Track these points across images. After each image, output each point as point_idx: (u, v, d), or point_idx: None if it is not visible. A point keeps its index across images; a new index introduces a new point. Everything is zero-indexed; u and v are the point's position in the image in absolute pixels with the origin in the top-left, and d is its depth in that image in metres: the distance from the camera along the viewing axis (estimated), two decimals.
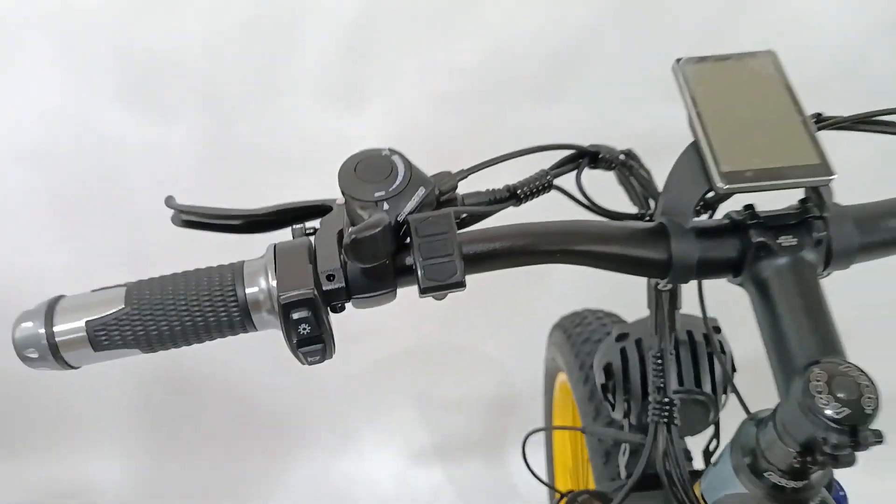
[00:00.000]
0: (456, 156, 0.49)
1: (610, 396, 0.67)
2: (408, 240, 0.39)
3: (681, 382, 0.62)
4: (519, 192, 0.46)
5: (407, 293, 0.41)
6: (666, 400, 0.56)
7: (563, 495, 0.61)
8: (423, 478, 1.47)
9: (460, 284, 0.38)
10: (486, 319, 1.37)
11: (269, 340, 0.48)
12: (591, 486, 0.77)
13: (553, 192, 0.48)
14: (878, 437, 0.36)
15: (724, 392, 0.64)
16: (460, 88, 1.19)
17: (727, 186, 0.39)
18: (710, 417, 0.64)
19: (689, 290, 0.53)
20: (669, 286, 0.51)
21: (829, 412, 0.35)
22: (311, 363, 0.39)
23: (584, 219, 0.43)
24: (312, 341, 0.38)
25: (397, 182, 0.40)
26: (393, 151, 0.41)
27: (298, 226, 0.43)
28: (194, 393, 1.45)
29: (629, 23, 1.15)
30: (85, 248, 1.32)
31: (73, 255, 1.31)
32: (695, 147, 0.42)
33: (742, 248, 0.42)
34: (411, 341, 1.45)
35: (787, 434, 0.38)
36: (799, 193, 0.43)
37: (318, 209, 0.44)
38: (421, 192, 0.40)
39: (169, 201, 0.46)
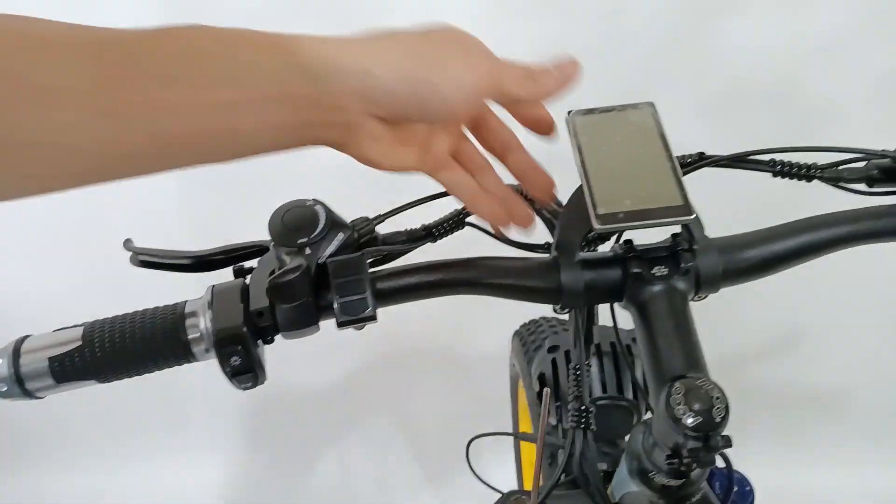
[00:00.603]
0: None
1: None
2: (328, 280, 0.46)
3: (605, 390, 0.69)
4: (434, 230, 0.52)
5: None
6: (583, 408, 0.62)
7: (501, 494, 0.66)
8: (401, 480, 1.53)
9: (372, 318, 0.45)
10: (466, 323, 1.43)
11: None
12: None
13: None
14: (728, 443, 0.41)
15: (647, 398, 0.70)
16: None
17: (601, 227, 0.44)
18: (633, 421, 0.70)
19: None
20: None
21: (685, 421, 0.41)
22: (244, 389, 0.45)
23: (487, 255, 0.49)
24: (243, 371, 0.44)
25: (318, 229, 0.46)
26: (316, 202, 0.48)
27: (238, 266, 0.50)
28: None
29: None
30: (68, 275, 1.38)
31: (61, 286, 1.36)
32: (580, 190, 0.48)
33: (623, 278, 0.48)
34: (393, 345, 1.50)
35: (660, 439, 0.44)
36: (673, 228, 0.49)
37: (257, 250, 0.50)
38: (340, 236, 0.46)
39: (127, 244, 0.52)
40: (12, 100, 0.30)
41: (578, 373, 0.62)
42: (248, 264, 0.50)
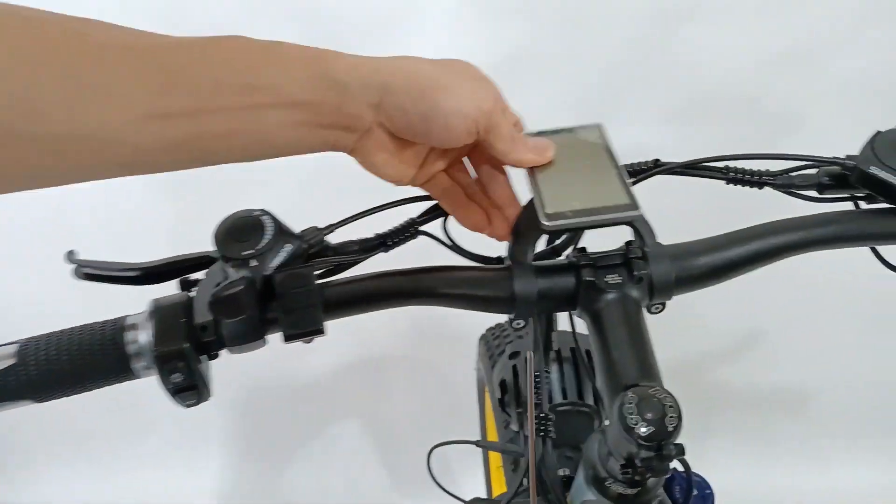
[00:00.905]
0: None
1: (508, 410, 0.73)
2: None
3: (565, 395, 0.68)
4: (387, 240, 0.51)
5: None
6: (542, 415, 0.62)
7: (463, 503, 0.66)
8: (372, 488, 1.52)
9: (319, 332, 0.44)
10: (437, 326, 1.43)
11: None
12: None
13: None
14: (681, 451, 0.41)
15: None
16: None
17: (550, 224, 0.45)
18: (595, 426, 0.70)
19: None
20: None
21: (637, 430, 0.41)
22: (187, 406, 0.44)
23: (442, 264, 0.49)
24: (185, 388, 0.42)
25: (265, 241, 0.44)
26: (264, 212, 0.46)
27: (185, 278, 0.48)
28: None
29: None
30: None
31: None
32: (531, 202, 0.48)
33: (576, 286, 0.47)
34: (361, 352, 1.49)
35: (614, 448, 0.44)
36: (626, 235, 0.49)
37: (205, 261, 0.49)
38: (287, 248, 0.45)
39: (70, 256, 0.50)
40: (74, 98, 0.33)
41: (538, 380, 0.62)
42: (195, 276, 0.49)
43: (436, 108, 0.42)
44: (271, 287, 0.44)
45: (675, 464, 0.43)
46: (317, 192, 1.12)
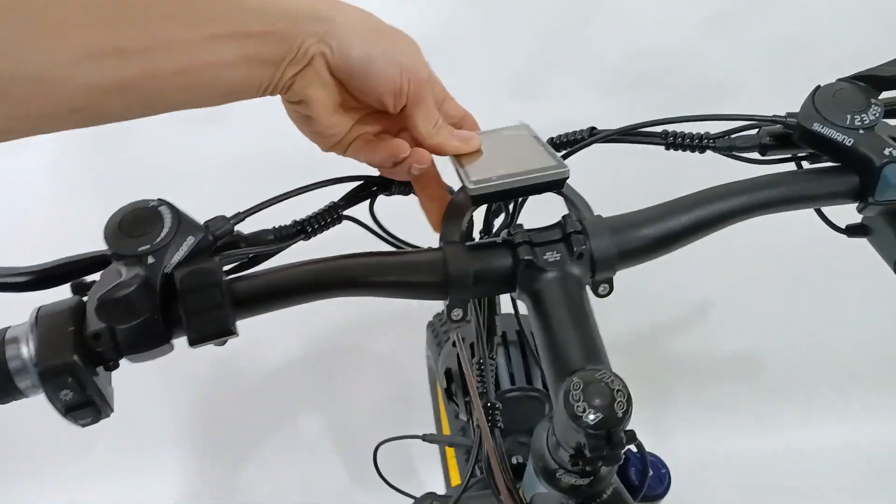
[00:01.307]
0: (321, 159, 0.51)
1: (455, 400, 0.70)
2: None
3: (513, 381, 0.65)
4: (308, 226, 0.47)
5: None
6: (489, 404, 0.58)
7: (415, 500, 0.63)
8: (329, 485, 1.48)
9: (230, 333, 0.39)
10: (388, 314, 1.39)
11: None
12: None
13: None
14: (632, 438, 0.38)
15: None
16: None
17: (475, 188, 0.43)
18: (546, 411, 0.67)
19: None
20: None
21: (585, 418, 0.38)
22: (83, 426, 0.38)
23: (366, 251, 0.45)
24: (79, 406, 0.37)
25: (163, 234, 0.40)
26: (162, 202, 0.41)
27: (79, 281, 0.43)
28: None
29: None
30: None
31: None
32: (461, 190, 0.45)
33: (513, 265, 0.44)
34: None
35: (562, 438, 0.41)
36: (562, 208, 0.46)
37: (101, 261, 0.44)
38: (190, 241, 0.40)
39: None
40: (22, 35, 0.32)
41: (482, 369, 0.59)
42: (92, 278, 0.43)
43: (376, 50, 0.43)
44: (173, 285, 0.39)
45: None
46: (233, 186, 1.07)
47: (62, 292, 0.44)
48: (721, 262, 1.25)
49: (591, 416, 0.38)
